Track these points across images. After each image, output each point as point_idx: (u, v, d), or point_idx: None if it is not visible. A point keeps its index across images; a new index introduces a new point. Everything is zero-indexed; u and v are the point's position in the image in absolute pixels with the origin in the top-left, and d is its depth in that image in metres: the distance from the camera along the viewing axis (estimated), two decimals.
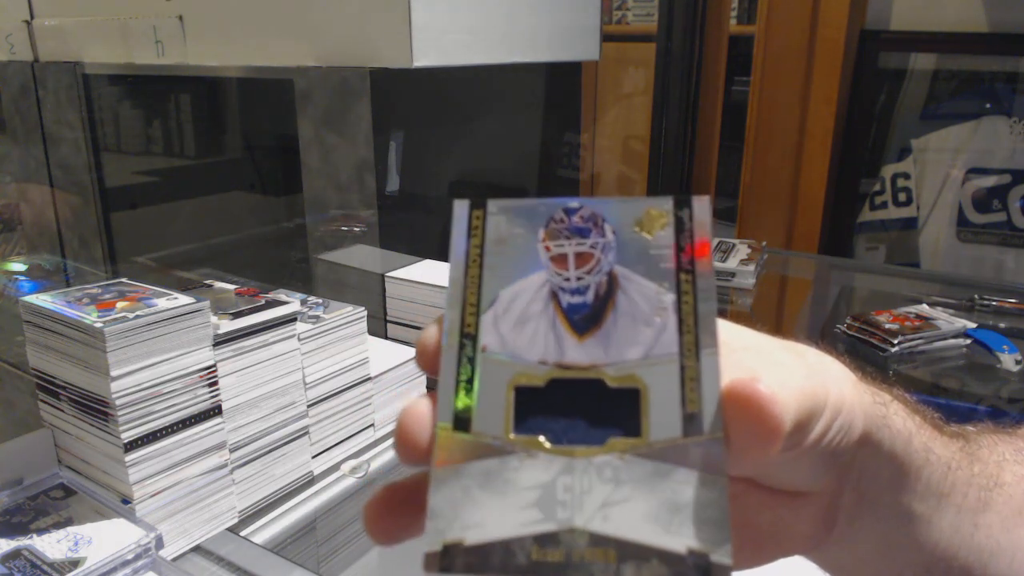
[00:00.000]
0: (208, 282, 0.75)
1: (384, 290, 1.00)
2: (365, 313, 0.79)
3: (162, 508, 0.62)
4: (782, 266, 1.62)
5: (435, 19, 0.75)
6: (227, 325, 0.65)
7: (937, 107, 1.71)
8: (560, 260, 0.24)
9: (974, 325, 1.12)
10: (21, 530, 0.59)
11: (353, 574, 0.69)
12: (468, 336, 0.23)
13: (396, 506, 0.23)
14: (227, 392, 0.66)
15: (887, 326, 1.12)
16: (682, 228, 0.24)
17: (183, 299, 0.62)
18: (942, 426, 0.32)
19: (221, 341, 0.64)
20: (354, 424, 0.81)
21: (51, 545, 0.58)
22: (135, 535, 0.59)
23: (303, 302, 0.77)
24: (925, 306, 1.19)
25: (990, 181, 1.65)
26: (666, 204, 0.24)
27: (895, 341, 1.09)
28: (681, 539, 0.19)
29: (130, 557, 0.58)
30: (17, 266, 1.48)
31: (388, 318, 1.01)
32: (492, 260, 0.24)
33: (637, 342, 0.22)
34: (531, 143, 1.54)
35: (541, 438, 0.21)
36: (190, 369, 0.62)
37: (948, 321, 1.13)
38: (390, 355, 0.87)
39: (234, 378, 0.66)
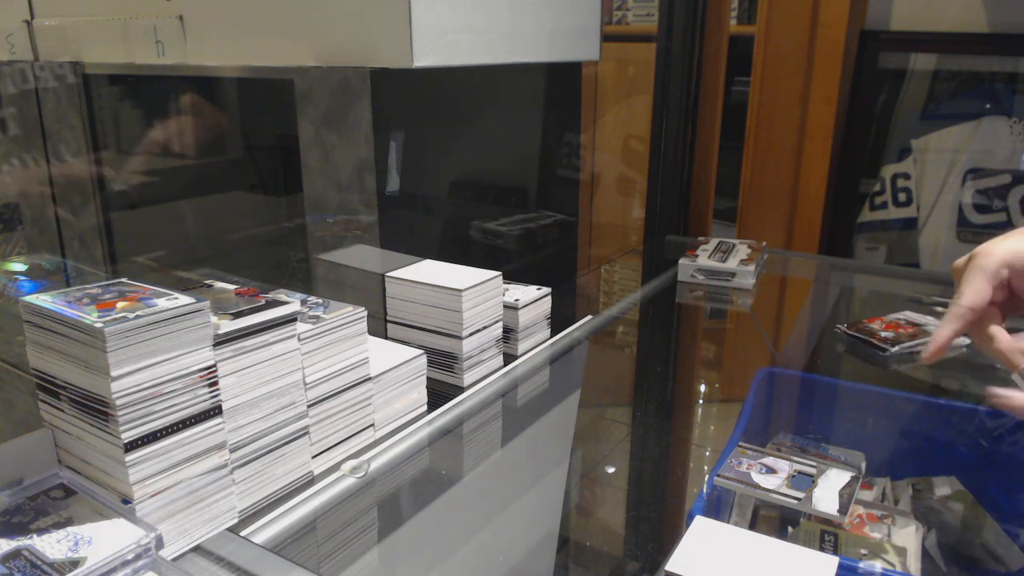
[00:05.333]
0: (208, 282, 0.75)
1: (384, 290, 1.00)
2: (365, 313, 0.79)
3: (162, 508, 0.62)
4: (782, 266, 1.62)
5: (436, 19, 0.75)
6: (227, 325, 0.65)
7: (937, 107, 1.71)
8: None
9: None
10: (21, 530, 0.59)
11: (353, 574, 0.69)
12: None
13: None
14: (227, 392, 0.66)
15: (882, 334, 1.13)
16: None
17: (183, 299, 0.62)
18: None
19: (221, 341, 0.64)
20: (354, 424, 0.81)
21: (51, 545, 0.58)
22: (135, 535, 0.59)
23: (303, 302, 0.77)
24: (909, 312, 1.21)
25: (990, 181, 1.66)
26: None
27: (894, 349, 1.10)
28: None
29: (130, 557, 0.58)
30: (17, 266, 1.48)
31: (388, 318, 1.01)
32: None
33: None
34: (531, 143, 1.54)
35: None
36: (190, 369, 0.62)
37: (937, 325, 1.14)
38: (390, 355, 0.87)
39: (234, 378, 0.66)
